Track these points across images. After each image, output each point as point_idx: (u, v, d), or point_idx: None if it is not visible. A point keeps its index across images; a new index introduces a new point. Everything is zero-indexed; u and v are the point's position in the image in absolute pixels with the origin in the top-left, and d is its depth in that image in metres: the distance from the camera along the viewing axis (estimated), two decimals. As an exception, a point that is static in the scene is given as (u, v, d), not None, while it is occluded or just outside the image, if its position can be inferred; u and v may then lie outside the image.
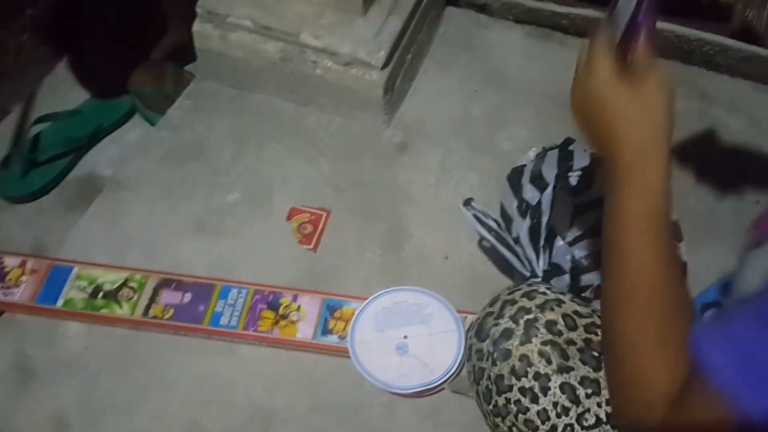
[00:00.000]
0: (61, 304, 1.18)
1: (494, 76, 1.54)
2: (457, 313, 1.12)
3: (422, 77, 1.55)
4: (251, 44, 1.41)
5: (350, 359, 1.08)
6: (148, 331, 1.17)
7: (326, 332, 1.14)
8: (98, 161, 1.52)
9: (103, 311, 1.17)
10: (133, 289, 1.19)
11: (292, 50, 1.39)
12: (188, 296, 1.18)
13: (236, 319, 1.15)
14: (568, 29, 1.62)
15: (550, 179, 1.14)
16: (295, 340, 1.14)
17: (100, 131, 1.53)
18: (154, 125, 1.51)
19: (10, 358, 1.15)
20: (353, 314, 1.14)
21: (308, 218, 1.30)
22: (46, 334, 1.18)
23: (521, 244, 1.16)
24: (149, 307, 1.17)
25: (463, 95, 1.51)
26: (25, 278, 1.20)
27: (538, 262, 1.12)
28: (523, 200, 1.17)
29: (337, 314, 1.16)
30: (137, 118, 1.59)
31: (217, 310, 1.16)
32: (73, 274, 1.21)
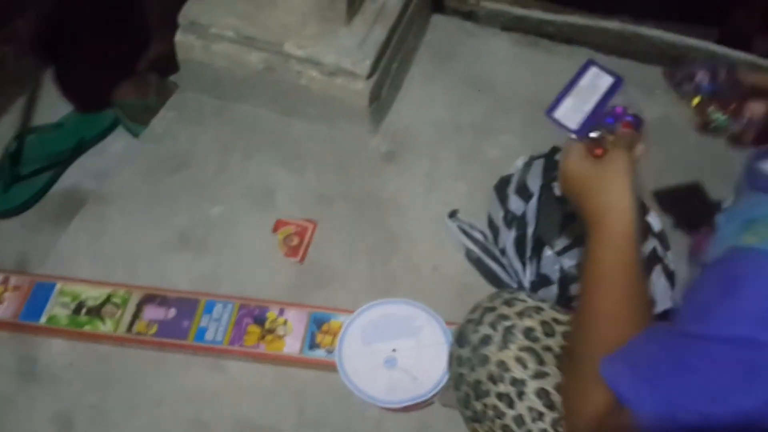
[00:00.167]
0: (44, 320, 1.16)
1: (481, 83, 1.54)
2: (446, 325, 1.10)
3: (409, 85, 1.54)
4: (234, 54, 1.40)
5: (338, 373, 1.07)
6: (132, 347, 1.16)
7: (314, 346, 1.13)
8: (81, 174, 1.50)
9: (86, 328, 1.15)
10: (116, 305, 1.17)
11: (275, 60, 1.38)
12: (172, 312, 1.16)
13: (222, 334, 1.14)
14: (554, 36, 1.63)
15: (534, 189, 1.14)
16: (282, 354, 1.13)
17: (83, 144, 1.52)
18: (137, 137, 1.50)
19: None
20: (341, 328, 1.12)
21: (294, 230, 1.29)
22: (28, 351, 1.16)
23: (507, 255, 1.15)
24: (133, 323, 1.15)
25: (450, 103, 1.51)
26: (8, 295, 1.19)
27: (524, 273, 1.11)
28: (508, 211, 1.17)
29: (324, 328, 1.15)
30: (120, 129, 1.57)
31: (202, 325, 1.15)
32: (56, 290, 1.19)
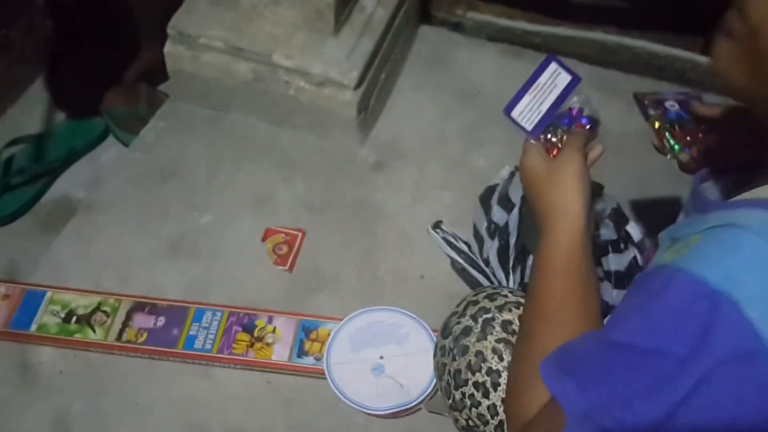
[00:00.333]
0: (34, 329, 1.17)
1: (468, 93, 1.56)
2: (432, 332, 1.12)
3: (396, 96, 1.56)
4: (223, 65, 1.41)
5: (326, 380, 1.08)
6: (122, 355, 1.17)
7: (302, 354, 1.14)
8: (72, 183, 1.52)
9: (76, 336, 1.16)
10: (106, 313, 1.18)
11: (264, 71, 1.39)
12: (162, 320, 1.17)
13: (211, 342, 1.15)
14: (540, 47, 1.64)
15: (516, 200, 1.15)
16: (270, 362, 1.14)
17: (73, 153, 1.53)
18: (127, 146, 1.51)
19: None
20: (329, 335, 1.13)
21: (283, 239, 1.30)
22: (19, 359, 1.17)
23: (491, 265, 1.17)
24: (123, 331, 1.16)
25: (437, 113, 1.52)
26: (-3, 303, 1.20)
27: (507, 282, 1.13)
28: (491, 221, 1.18)
29: (312, 335, 1.16)
30: (111, 139, 1.58)
31: (191, 333, 1.16)
32: (46, 299, 1.20)
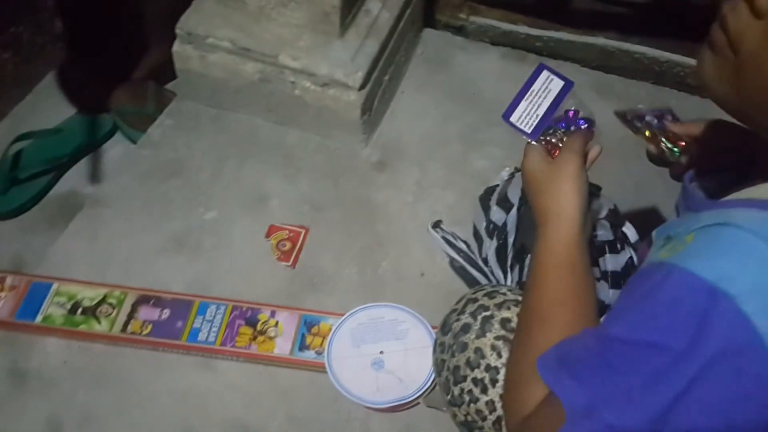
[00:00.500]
0: (40, 320, 1.18)
1: (470, 96, 1.58)
2: (431, 328, 1.14)
3: (400, 98, 1.58)
4: (230, 65, 1.43)
5: (327, 374, 1.09)
6: (126, 347, 1.18)
7: (303, 348, 1.16)
8: (79, 179, 1.54)
9: (81, 327, 1.17)
10: (111, 305, 1.20)
11: (270, 71, 1.41)
12: (166, 312, 1.19)
13: (214, 335, 1.17)
14: (541, 51, 1.67)
15: (515, 201, 1.16)
16: (272, 355, 1.16)
17: (81, 149, 1.55)
18: (135, 143, 1.53)
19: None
20: (330, 330, 1.15)
21: (287, 235, 1.32)
22: (23, 349, 1.18)
23: (490, 264, 1.18)
24: (128, 323, 1.18)
25: (439, 115, 1.54)
26: (4, 294, 1.21)
27: (505, 280, 1.14)
28: (490, 221, 1.20)
29: (314, 330, 1.18)
30: (118, 136, 1.60)
31: (195, 326, 1.18)
32: (52, 290, 1.22)
